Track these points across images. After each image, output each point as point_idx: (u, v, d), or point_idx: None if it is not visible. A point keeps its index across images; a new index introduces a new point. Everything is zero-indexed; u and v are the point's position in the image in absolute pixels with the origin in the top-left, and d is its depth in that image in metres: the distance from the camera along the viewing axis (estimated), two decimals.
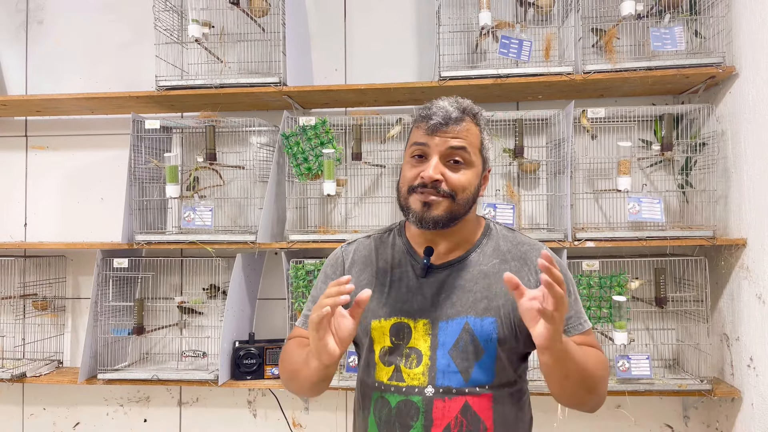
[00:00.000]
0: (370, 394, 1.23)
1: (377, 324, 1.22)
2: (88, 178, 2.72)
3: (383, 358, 1.21)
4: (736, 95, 2.14)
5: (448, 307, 1.19)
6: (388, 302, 1.22)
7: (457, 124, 1.18)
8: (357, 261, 1.30)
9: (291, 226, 2.37)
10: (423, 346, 1.18)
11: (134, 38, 2.70)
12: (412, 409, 1.16)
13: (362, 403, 1.26)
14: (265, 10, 2.44)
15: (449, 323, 1.18)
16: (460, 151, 1.18)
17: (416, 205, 1.18)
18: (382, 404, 1.20)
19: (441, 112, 1.18)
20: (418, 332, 1.19)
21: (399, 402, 1.17)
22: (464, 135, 1.18)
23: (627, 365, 2.13)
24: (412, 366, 1.18)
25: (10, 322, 2.60)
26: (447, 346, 1.17)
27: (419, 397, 1.16)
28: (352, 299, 1.09)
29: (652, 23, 2.23)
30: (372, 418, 1.21)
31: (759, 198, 2.00)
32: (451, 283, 1.21)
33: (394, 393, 1.18)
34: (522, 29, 2.29)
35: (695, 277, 2.23)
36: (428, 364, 1.17)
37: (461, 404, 1.15)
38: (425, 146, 1.19)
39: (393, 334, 1.21)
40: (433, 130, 1.18)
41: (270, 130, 2.50)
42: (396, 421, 1.17)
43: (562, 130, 2.23)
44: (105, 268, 2.37)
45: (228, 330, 2.31)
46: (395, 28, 2.60)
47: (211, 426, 2.62)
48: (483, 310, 1.18)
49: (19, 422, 2.71)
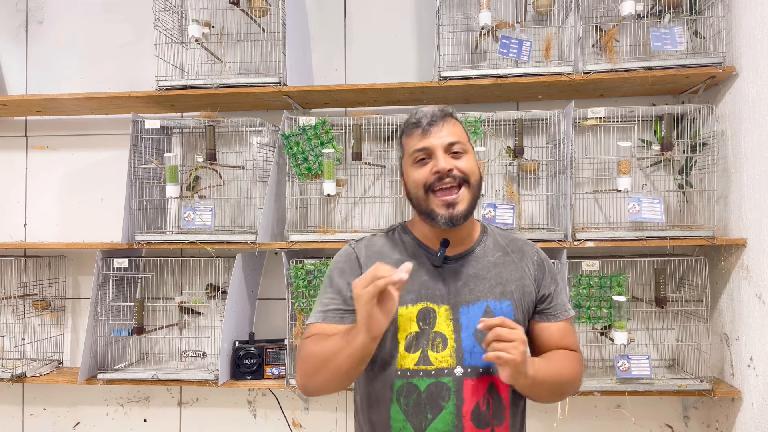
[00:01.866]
0: (390, 383, 1.24)
1: (404, 310, 1.26)
2: (88, 178, 2.72)
3: (409, 344, 1.25)
4: (736, 95, 2.14)
5: (467, 293, 1.27)
6: (412, 289, 1.27)
7: (445, 121, 1.29)
8: (372, 256, 1.33)
9: (291, 226, 2.37)
10: (447, 330, 1.25)
11: (134, 38, 2.70)
12: (443, 389, 1.21)
13: (379, 396, 1.26)
14: (265, 10, 2.44)
15: (470, 308, 1.26)
16: (457, 143, 1.28)
17: (440, 208, 1.25)
18: (408, 390, 1.23)
19: (428, 116, 1.29)
20: (441, 317, 1.26)
21: (429, 385, 1.22)
22: (453, 129, 1.29)
23: (627, 365, 2.13)
24: (439, 350, 1.23)
25: (10, 322, 2.60)
26: (471, 329, 1.24)
27: (450, 378, 1.22)
28: None
29: (652, 23, 2.23)
30: (396, 406, 1.23)
31: (759, 198, 2.00)
32: (465, 272, 1.29)
33: (423, 377, 1.22)
34: (522, 29, 2.29)
35: (695, 277, 2.23)
36: (454, 347, 1.23)
37: (488, 383, 1.23)
38: (426, 149, 1.27)
39: (420, 318, 1.26)
40: (428, 131, 1.27)
41: (270, 130, 2.50)
42: (427, 404, 1.21)
43: (562, 130, 2.22)
44: (105, 268, 2.37)
45: (228, 330, 2.31)
46: (395, 28, 2.60)
47: (211, 426, 2.62)
48: (500, 294, 1.28)
49: (19, 422, 2.71)
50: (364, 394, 1.31)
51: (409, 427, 1.22)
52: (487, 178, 2.39)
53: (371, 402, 1.28)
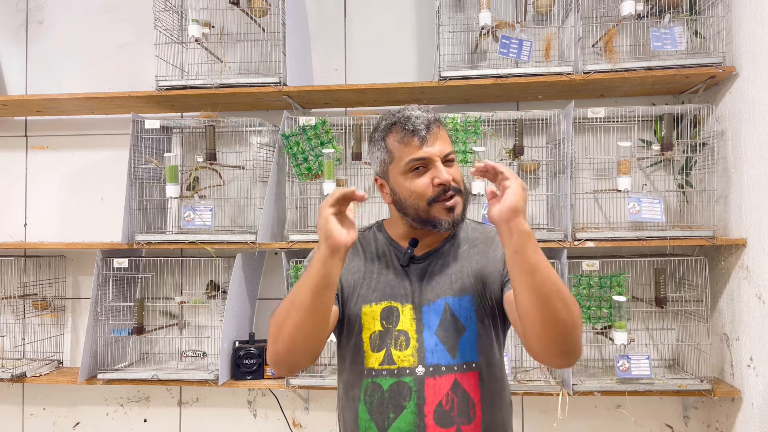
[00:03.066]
0: (359, 383, 1.26)
1: (368, 309, 1.27)
2: (88, 178, 2.72)
3: (373, 343, 1.25)
4: (736, 95, 2.14)
5: (428, 291, 1.27)
6: (377, 288, 1.28)
7: (437, 127, 1.28)
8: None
9: (291, 226, 2.37)
10: (410, 329, 1.25)
11: (134, 38, 2.70)
12: (405, 389, 1.21)
13: (350, 395, 1.28)
14: (265, 10, 2.44)
15: (431, 306, 1.26)
16: (450, 153, 1.28)
17: (442, 214, 1.24)
18: (373, 389, 1.23)
19: (420, 122, 1.25)
20: (405, 316, 1.26)
21: (391, 384, 1.22)
22: (444, 136, 1.29)
23: (627, 365, 2.13)
24: (402, 348, 1.23)
25: (10, 322, 2.60)
26: (433, 327, 1.24)
27: (411, 378, 1.21)
28: (345, 286, 1.28)
29: (652, 23, 2.23)
30: (363, 405, 1.24)
31: (759, 198, 2.00)
32: (430, 270, 1.30)
33: (386, 376, 1.23)
34: (522, 29, 2.29)
35: (695, 277, 2.23)
36: (416, 346, 1.23)
37: (451, 381, 1.21)
38: (424, 159, 1.24)
39: (384, 317, 1.26)
40: (425, 140, 1.24)
41: (270, 130, 2.50)
42: (389, 403, 1.21)
43: (562, 130, 2.22)
44: (105, 268, 2.37)
45: (228, 330, 2.31)
46: (395, 28, 2.60)
47: (211, 426, 2.62)
48: (459, 291, 1.26)
49: (19, 422, 2.71)
50: (341, 394, 1.32)
51: (374, 426, 1.22)
52: None
53: (345, 401, 1.30)
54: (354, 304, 1.28)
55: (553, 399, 2.20)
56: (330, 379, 2.27)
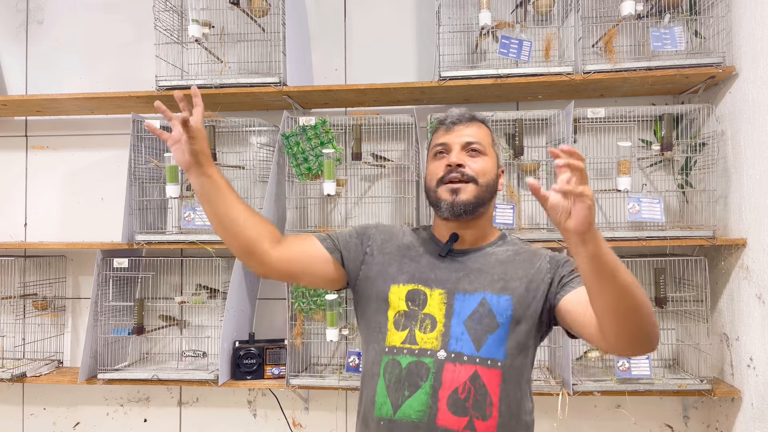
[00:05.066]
0: (379, 359, 1.26)
1: (395, 288, 1.30)
2: (88, 178, 2.72)
3: (397, 322, 1.27)
4: (736, 95, 2.14)
5: (466, 283, 1.28)
6: (407, 271, 1.31)
7: (470, 123, 1.35)
8: (383, 231, 1.41)
9: (291, 226, 2.37)
10: (438, 313, 1.25)
11: (134, 38, 2.70)
12: (423, 369, 1.21)
13: (370, 372, 1.28)
14: (265, 10, 2.44)
15: (467, 297, 1.26)
16: (475, 143, 1.33)
17: (446, 195, 1.29)
18: (392, 366, 1.24)
19: (455, 115, 1.36)
20: (433, 300, 1.27)
21: (410, 363, 1.22)
22: (476, 131, 1.35)
23: (627, 365, 2.13)
24: (426, 331, 1.24)
25: (10, 322, 2.60)
26: (462, 317, 1.24)
27: (431, 359, 1.21)
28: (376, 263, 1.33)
29: (652, 23, 2.23)
30: (381, 381, 1.24)
31: (759, 198, 2.00)
32: (469, 265, 1.31)
33: (406, 355, 1.23)
34: (522, 29, 2.29)
35: (695, 277, 2.23)
36: (442, 330, 1.24)
37: (471, 372, 1.20)
38: (445, 144, 1.33)
39: (409, 299, 1.28)
40: (450, 128, 1.34)
41: (270, 130, 2.50)
42: (405, 380, 1.21)
43: (562, 130, 2.22)
44: (105, 268, 2.37)
45: (228, 330, 2.31)
46: (395, 28, 2.60)
47: (211, 426, 2.62)
48: (500, 289, 1.27)
49: (19, 422, 2.71)
50: (363, 372, 1.33)
51: (388, 402, 1.22)
52: None
53: (366, 378, 1.31)
54: (383, 282, 1.31)
55: (553, 399, 2.20)
56: (330, 379, 2.27)
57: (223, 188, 1.22)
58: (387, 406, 1.22)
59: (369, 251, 1.36)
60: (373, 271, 1.33)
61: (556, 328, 1.34)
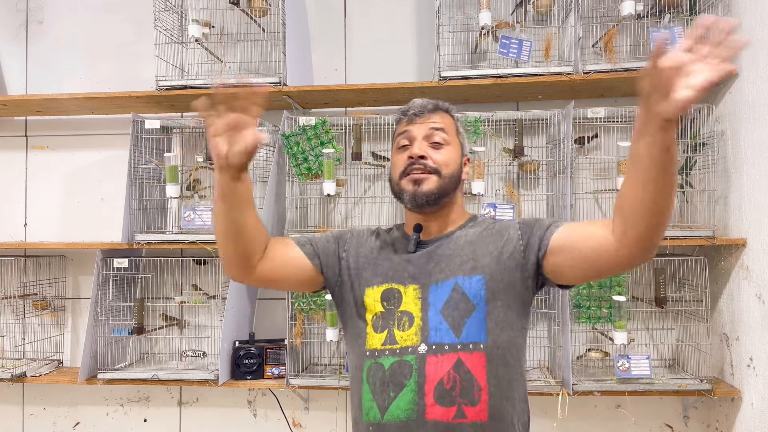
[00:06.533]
0: (362, 364, 1.25)
1: (371, 291, 1.29)
2: (88, 178, 2.72)
3: (375, 324, 1.26)
4: (736, 95, 2.14)
5: (437, 272, 1.26)
6: (381, 272, 1.31)
7: (433, 113, 1.34)
8: (357, 235, 1.40)
9: (291, 226, 2.37)
10: (414, 309, 1.24)
11: (134, 38, 2.70)
12: (406, 367, 1.20)
13: (355, 377, 1.28)
14: (265, 10, 2.44)
15: (439, 286, 1.25)
16: (439, 131, 1.31)
17: (408, 186, 1.28)
18: (375, 370, 1.23)
19: (417, 105, 1.35)
20: (408, 297, 1.26)
21: (393, 363, 1.21)
22: (440, 120, 1.33)
23: (627, 365, 2.13)
24: (405, 328, 1.23)
25: (10, 322, 2.61)
26: (438, 306, 1.23)
27: (413, 356, 1.20)
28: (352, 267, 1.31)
29: (652, 23, 2.23)
30: (366, 386, 1.23)
31: (759, 198, 2.00)
32: (438, 252, 1.29)
33: (388, 356, 1.22)
34: (522, 29, 2.29)
35: (695, 277, 2.23)
36: (420, 325, 1.22)
37: (454, 360, 1.18)
38: (408, 133, 1.32)
39: (384, 299, 1.27)
40: (413, 118, 1.33)
41: (270, 130, 2.50)
42: (390, 381, 1.20)
43: (562, 130, 2.23)
44: (105, 268, 2.37)
45: (228, 330, 2.31)
46: (395, 28, 2.60)
47: (211, 426, 2.62)
48: (470, 270, 1.25)
49: (19, 422, 2.71)
50: (350, 378, 1.33)
51: (375, 407, 1.20)
52: (487, 178, 2.38)
53: (352, 384, 1.30)
54: (359, 286, 1.31)
55: (552, 399, 2.20)
56: (330, 379, 2.27)
57: (248, 195, 1.19)
58: (374, 411, 1.20)
59: (345, 256, 1.34)
60: (350, 277, 1.32)
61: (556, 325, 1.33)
